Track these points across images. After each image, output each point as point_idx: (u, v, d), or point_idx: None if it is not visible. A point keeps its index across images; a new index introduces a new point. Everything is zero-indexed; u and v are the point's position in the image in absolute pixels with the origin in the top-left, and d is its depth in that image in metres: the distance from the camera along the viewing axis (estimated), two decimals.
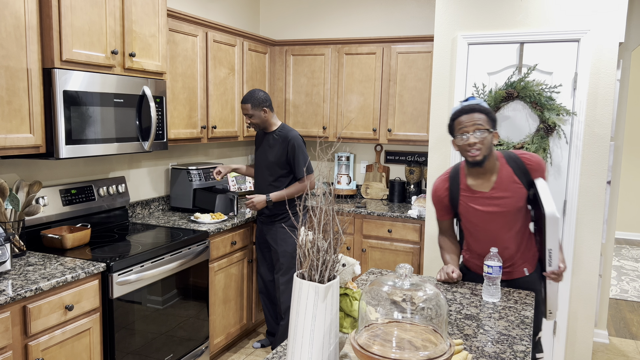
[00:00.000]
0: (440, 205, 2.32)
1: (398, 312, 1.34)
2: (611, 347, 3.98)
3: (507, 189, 2.15)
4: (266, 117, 3.36)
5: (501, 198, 2.15)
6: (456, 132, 2.11)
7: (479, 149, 2.06)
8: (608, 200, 3.73)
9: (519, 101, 3.29)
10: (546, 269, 2.15)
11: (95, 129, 2.62)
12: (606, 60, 3.13)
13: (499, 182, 2.15)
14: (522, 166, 2.18)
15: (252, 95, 3.33)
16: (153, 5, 2.94)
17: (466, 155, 2.11)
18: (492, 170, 2.16)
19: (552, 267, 2.13)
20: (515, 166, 2.17)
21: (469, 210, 2.20)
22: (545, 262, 2.14)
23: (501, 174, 2.15)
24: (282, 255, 3.44)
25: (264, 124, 3.39)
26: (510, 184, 2.15)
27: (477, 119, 2.06)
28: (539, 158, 2.20)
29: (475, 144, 2.05)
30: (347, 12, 4.55)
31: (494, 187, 2.15)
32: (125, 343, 2.57)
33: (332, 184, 4.58)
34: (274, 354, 1.55)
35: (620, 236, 7.73)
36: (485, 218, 2.18)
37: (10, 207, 2.46)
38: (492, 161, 2.15)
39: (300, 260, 1.34)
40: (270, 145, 3.41)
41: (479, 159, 2.08)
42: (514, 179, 2.16)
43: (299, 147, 3.33)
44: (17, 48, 2.27)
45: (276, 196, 3.38)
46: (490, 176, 2.16)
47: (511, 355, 1.56)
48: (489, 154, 2.10)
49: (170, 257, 2.85)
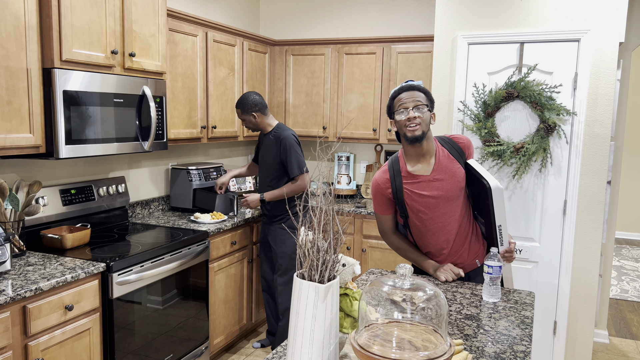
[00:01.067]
0: (382, 199, 2.27)
1: (398, 312, 1.34)
2: (611, 347, 3.98)
3: (446, 170, 2.18)
4: (257, 121, 3.40)
5: (442, 180, 2.17)
6: (396, 109, 2.15)
7: (419, 124, 2.09)
8: (608, 200, 3.73)
9: (519, 101, 3.29)
10: (499, 249, 2.15)
11: (95, 129, 2.62)
12: (606, 60, 3.13)
13: (437, 163, 2.18)
14: (456, 145, 2.24)
15: (242, 100, 3.38)
16: (153, 5, 2.94)
17: (406, 131, 2.12)
18: (430, 152, 2.19)
19: (504, 246, 2.15)
20: (449, 147, 2.23)
21: (413, 197, 2.19)
22: (497, 242, 2.15)
23: (438, 156, 2.19)
24: (280, 257, 3.44)
25: (257, 127, 3.44)
26: (448, 163, 2.19)
27: (416, 96, 2.12)
28: (467, 137, 2.28)
29: (415, 118, 2.09)
30: (347, 12, 4.55)
31: (434, 170, 2.18)
32: (125, 343, 2.57)
33: (332, 184, 4.57)
34: (274, 354, 1.55)
35: (620, 236, 7.73)
36: (430, 203, 2.19)
37: (10, 207, 2.46)
38: (430, 142, 2.18)
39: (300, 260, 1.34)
40: (267, 147, 3.43)
41: (418, 134, 2.10)
42: (451, 158, 2.20)
43: (291, 146, 3.33)
44: (17, 48, 2.27)
45: (270, 195, 3.39)
46: (429, 159, 2.19)
47: (511, 355, 1.56)
48: (427, 132, 2.13)
49: (170, 257, 2.85)
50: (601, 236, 3.25)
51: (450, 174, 2.18)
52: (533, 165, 3.33)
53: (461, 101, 3.45)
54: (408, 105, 2.10)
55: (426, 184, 2.18)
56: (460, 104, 3.46)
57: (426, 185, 2.18)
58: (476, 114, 3.37)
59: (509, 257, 2.19)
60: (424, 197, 2.18)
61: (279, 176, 3.41)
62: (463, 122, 3.46)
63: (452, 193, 2.18)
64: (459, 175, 2.19)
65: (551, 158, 3.29)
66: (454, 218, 2.21)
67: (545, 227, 3.36)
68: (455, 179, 2.18)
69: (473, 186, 2.22)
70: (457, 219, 2.22)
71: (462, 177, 2.20)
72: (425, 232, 2.25)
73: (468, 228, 2.27)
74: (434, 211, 2.19)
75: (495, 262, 2.00)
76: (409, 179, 2.20)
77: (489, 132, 3.31)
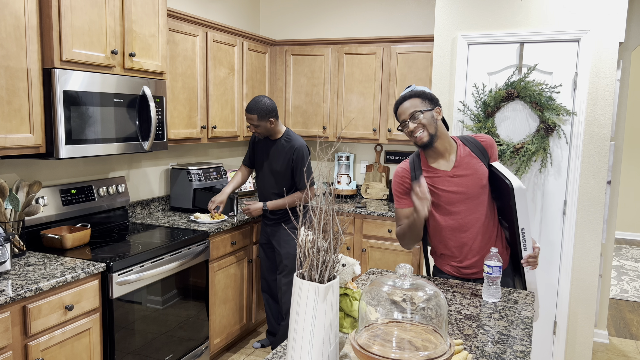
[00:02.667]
0: (402, 189, 2.26)
1: (398, 312, 1.34)
2: (611, 347, 3.98)
3: (468, 166, 2.18)
4: (272, 127, 3.29)
5: (463, 176, 2.17)
6: (399, 126, 2.20)
7: (422, 131, 2.12)
8: (608, 200, 3.73)
9: (519, 101, 3.29)
10: (522, 254, 2.12)
11: (95, 129, 2.62)
12: (606, 60, 3.13)
13: (459, 160, 2.18)
14: (479, 145, 2.24)
15: (258, 105, 3.20)
16: (153, 5, 2.94)
17: (414, 141, 2.16)
18: (449, 150, 2.19)
19: (528, 251, 2.11)
20: (471, 146, 2.23)
21: (433, 191, 2.19)
22: (520, 246, 2.11)
23: (459, 153, 2.20)
24: (285, 257, 3.44)
25: (269, 133, 3.33)
26: (470, 160, 2.19)
27: (409, 106, 2.13)
28: (489, 136, 2.28)
29: (415, 129, 2.12)
30: (347, 12, 4.55)
31: (455, 166, 2.18)
32: (125, 343, 2.57)
33: (332, 184, 4.57)
34: (274, 354, 1.55)
35: (620, 236, 7.73)
36: (451, 199, 2.18)
37: (10, 207, 2.46)
38: (444, 140, 2.18)
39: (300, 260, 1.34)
40: (276, 154, 3.36)
41: (425, 140, 2.13)
42: (472, 155, 2.20)
43: (305, 157, 3.30)
44: (17, 48, 2.27)
45: (273, 205, 3.38)
46: (448, 156, 2.20)
47: (511, 355, 1.56)
48: (435, 132, 2.14)
49: (170, 257, 2.85)
50: (601, 236, 3.25)
51: (471, 170, 2.17)
52: (533, 165, 3.34)
53: (461, 101, 3.45)
54: (406, 117, 2.14)
55: (446, 180, 2.18)
56: (460, 104, 3.46)
57: (446, 180, 2.18)
58: (476, 114, 3.37)
59: (533, 262, 2.13)
60: (444, 192, 2.18)
61: (287, 185, 3.38)
62: (463, 122, 3.47)
63: (473, 190, 2.17)
64: (480, 172, 2.18)
65: (551, 158, 3.29)
66: (475, 217, 2.18)
67: (545, 227, 3.36)
68: (477, 176, 2.17)
69: (497, 190, 2.20)
70: (478, 219, 2.19)
71: (483, 174, 2.18)
72: (443, 229, 2.23)
73: (492, 230, 2.23)
74: (454, 207, 2.18)
75: (495, 262, 2.00)
76: (430, 172, 2.20)
77: (489, 132, 3.31)
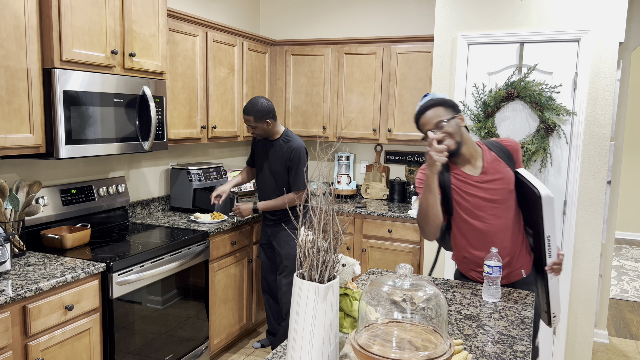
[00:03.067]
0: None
1: (398, 312, 1.34)
2: (611, 347, 3.98)
3: (495, 171, 2.17)
4: (269, 128, 3.29)
5: (491, 181, 2.16)
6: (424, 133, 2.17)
7: (450, 139, 2.09)
8: (608, 200, 3.73)
9: (519, 101, 3.29)
10: (546, 261, 2.11)
11: (95, 129, 2.62)
12: (606, 60, 3.13)
13: (486, 166, 2.17)
14: (504, 149, 2.23)
15: (254, 107, 3.20)
16: (153, 5, 2.94)
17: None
18: (475, 155, 2.18)
19: (553, 258, 2.10)
20: (497, 150, 2.22)
21: (462, 195, 2.18)
22: (545, 253, 2.10)
23: (486, 158, 2.18)
24: (285, 258, 3.43)
25: (266, 134, 3.33)
26: (498, 165, 2.18)
27: (433, 115, 2.10)
28: (514, 140, 2.27)
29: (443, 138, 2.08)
30: (347, 12, 4.55)
31: (483, 172, 2.17)
32: (125, 343, 2.57)
33: (332, 184, 4.58)
34: (274, 354, 1.55)
35: (620, 236, 7.73)
36: (479, 204, 2.17)
37: (10, 207, 2.46)
38: (470, 146, 2.17)
39: (300, 260, 1.34)
40: (274, 154, 3.36)
41: (453, 148, 2.10)
42: (499, 160, 2.19)
43: (302, 159, 3.29)
44: (17, 48, 2.27)
45: (264, 206, 3.37)
46: (475, 162, 2.19)
47: (511, 355, 1.56)
48: (461, 139, 2.12)
49: (170, 257, 2.85)
50: (601, 236, 3.25)
51: (500, 175, 2.16)
52: (533, 165, 3.33)
53: (461, 101, 3.45)
54: (430, 127, 2.10)
55: (474, 185, 2.16)
56: (460, 104, 3.46)
57: (475, 186, 2.16)
58: (476, 114, 3.37)
59: (557, 269, 2.13)
60: (473, 197, 2.17)
61: (287, 185, 3.37)
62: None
63: (502, 195, 2.16)
64: (507, 177, 2.17)
65: (551, 158, 3.29)
66: (502, 221, 2.17)
67: None
68: (504, 180, 2.16)
69: (522, 197, 2.19)
70: (505, 223, 2.18)
71: (511, 179, 2.17)
72: (469, 232, 2.22)
73: (518, 236, 2.22)
74: (482, 212, 2.17)
75: (495, 262, 2.00)
76: (459, 175, 2.19)
77: (489, 132, 3.31)
